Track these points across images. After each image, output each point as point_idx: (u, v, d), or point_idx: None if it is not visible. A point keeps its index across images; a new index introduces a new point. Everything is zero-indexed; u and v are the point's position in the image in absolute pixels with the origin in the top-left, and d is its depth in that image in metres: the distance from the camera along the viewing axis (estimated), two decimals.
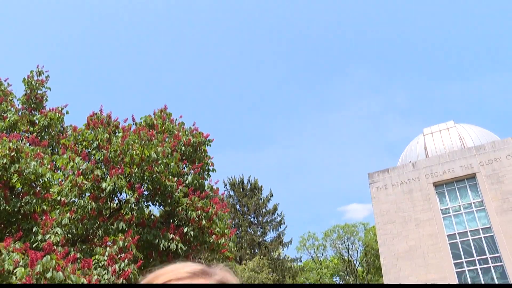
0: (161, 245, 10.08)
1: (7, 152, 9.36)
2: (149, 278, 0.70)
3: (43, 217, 9.46)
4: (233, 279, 0.75)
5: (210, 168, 12.98)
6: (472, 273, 26.86)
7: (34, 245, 8.72)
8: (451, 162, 30.28)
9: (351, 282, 53.74)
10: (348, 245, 54.45)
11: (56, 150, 12.81)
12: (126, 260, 9.09)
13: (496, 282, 26.05)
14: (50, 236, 8.95)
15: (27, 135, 12.62)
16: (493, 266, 26.49)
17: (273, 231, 44.25)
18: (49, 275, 7.48)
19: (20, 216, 9.45)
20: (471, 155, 29.83)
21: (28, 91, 13.64)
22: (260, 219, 44.11)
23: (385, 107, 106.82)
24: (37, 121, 13.22)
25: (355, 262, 54.90)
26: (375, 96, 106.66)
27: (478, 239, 27.54)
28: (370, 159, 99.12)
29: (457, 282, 26.72)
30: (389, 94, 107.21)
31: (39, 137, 12.62)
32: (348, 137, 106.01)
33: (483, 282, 26.29)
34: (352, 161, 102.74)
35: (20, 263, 7.74)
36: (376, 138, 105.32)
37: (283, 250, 44.02)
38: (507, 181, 27.86)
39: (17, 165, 9.41)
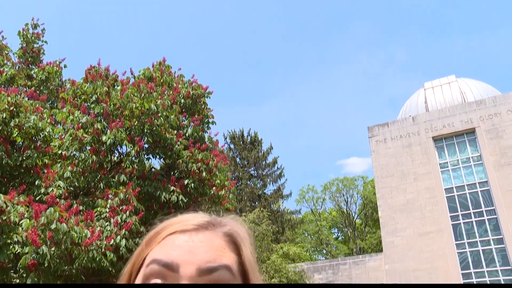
0: (162, 197, 10.22)
1: (6, 106, 9.35)
2: (156, 230, 0.71)
3: (45, 171, 9.57)
4: (242, 229, 0.75)
5: (210, 120, 12.99)
6: (467, 225, 27.41)
7: (37, 198, 8.86)
8: (451, 116, 30.26)
9: (349, 234, 54.84)
10: (347, 198, 55.27)
11: (55, 104, 12.77)
12: (127, 212, 9.26)
13: (490, 234, 26.62)
14: (52, 189, 9.09)
15: (25, 89, 12.54)
16: (487, 219, 27.01)
17: (273, 184, 44.81)
18: (53, 226, 7.65)
19: (22, 170, 9.55)
20: (472, 110, 29.77)
21: (24, 45, 13.42)
22: (260, 172, 44.54)
23: (386, 62, 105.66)
24: (34, 75, 13.09)
25: (353, 215, 55.87)
26: (375, 51, 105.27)
27: (474, 192, 27.93)
28: (370, 113, 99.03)
29: (452, 234, 27.30)
30: (390, 49, 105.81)
31: (38, 92, 12.55)
32: (348, 92, 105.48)
33: (477, 234, 26.86)
34: (352, 115, 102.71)
35: (25, 215, 7.91)
36: (377, 93, 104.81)
37: (282, 202, 44.75)
38: (506, 136, 27.96)
39: (16, 120, 9.41)
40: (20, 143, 9.96)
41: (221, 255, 0.66)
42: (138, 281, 0.66)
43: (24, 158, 9.30)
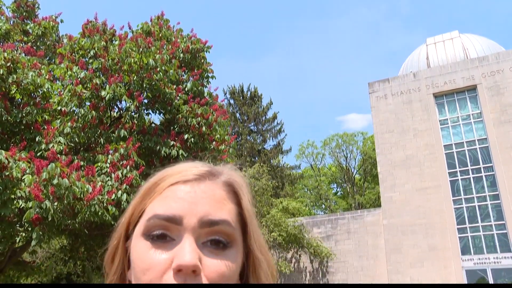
0: (162, 152, 10.30)
1: (3, 62, 9.25)
2: (155, 180, 0.71)
3: (45, 127, 9.59)
4: (240, 179, 0.75)
5: (210, 75, 12.91)
6: (465, 181, 27.70)
7: (38, 154, 8.93)
8: (452, 73, 29.98)
9: (348, 190, 55.47)
10: (347, 154, 55.52)
11: (53, 60, 12.62)
12: (128, 167, 9.36)
13: (486, 190, 26.96)
14: (53, 145, 9.14)
15: (21, 45, 12.35)
16: (485, 176, 27.27)
17: (272, 139, 44.93)
18: (55, 181, 7.75)
19: (23, 127, 9.58)
20: (474, 67, 29.45)
21: None
22: (259, 127, 44.57)
23: (387, 15, 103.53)
24: (30, 31, 12.85)
25: (352, 170, 56.31)
26: (377, 2, 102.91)
27: (473, 149, 28.06)
28: (371, 68, 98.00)
29: (450, 190, 27.62)
30: (392, 0, 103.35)
31: (34, 47, 12.38)
32: (348, 46, 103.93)
33: (474, 190, 27.18)
34: (352, 70, 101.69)
35: (27, 171, 7.99)
36: (377, 47, 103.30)
37: (282, 157, 44.99)
38: (508, 93, 27.79)
39: (14, 76, 9.34)
40: (19, 99, 9.93)
41: (222, 207, 0.67)
42: (138, 233, 0.67)
43: (24, 114, 9.31)
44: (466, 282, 25.80)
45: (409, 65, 34.39)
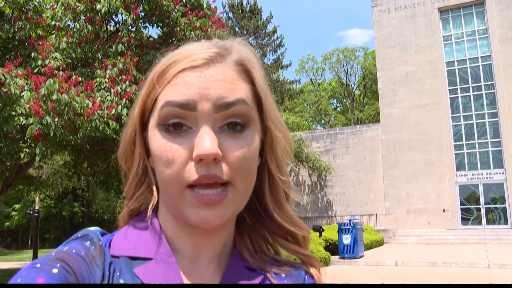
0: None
1: None
2: (162, 68, 0.68)
3: (40, 43, 9.37)
4: (251, 55, 0.72)
5: None
6: (465, 99, 27.67)
7: (35, 71, 8.82)
8: None
9: (347, 105, 55.57)
10: (347, 69, 54.91)
11: None
12: (127, 82, 9.30)
13: (485, 108, 27.01)
14: (49, 61, 9.00)
15: None
16: (485, 93, 27.18)
17: (272, 53, 44.25)
18: (54, 97, 7.73)
19: (16, 43, 9.34)
20: None
21: None
22: (259, 42, 43.72)
23: None
24: None
25: (352, 86, 56.03)
26: None
27: (475, 67, 27.70)
28: None
29: (449, 107, 27.67)
30: None
31: None
32: None
33: (473, 108, 27.23)
34: None
35: (25, 88, 7.93)
36: None
37: (282, 72, 44.59)
38: None
39: None
40: (10, 14, 9.58)
41: (235, 88, 0.66)
42: (153, 124, 0.67)
43: (16, 30, 9.04)
44: (459, 197, 26.66)
45: None
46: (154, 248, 0.68)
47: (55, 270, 0.56)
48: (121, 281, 0.64)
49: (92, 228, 0.70)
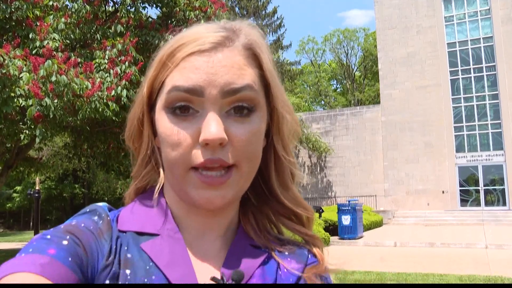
0: (161, 45, 10.11)
1: None
2: (170, 50, 0.68)
3: (38, 23, 9.28)
4: (259, 38, 0.72)
5: None
6: (466, 80, 27.55)
7: (33, 52, 8.75)
8: None
9: (348, 86, 55.38)
10: (347, 50, 54.60)
11: None
12: (126, 63, 9.23)
13: (486, 89, 26.91)
14: (48, 42, 8.91)
15: None
16: (486, 75, 27.05)
17: (272, 34, 43.86)
18: (53, 78, 7.69)
19: (14, 23, 9.25)
20: None
21: None
22: (259, 22, 43.33)
23: None
24: None
25: (353, 67, 55.77)
26: None
27: (477, 48, 27.51)
28: None
29: (450, 88, 27.58)
30: None
31: None
32: None
33: (474, 89, 27.13)
34: None
35: (24, 69, 7.89)
36: None
37: (282, 53, 44.27)
38: None
39: None
40: None
41: (243, 74, 0.66)
42: (160, 104, 0.67)
43: (13, 10, 8.93)
44: (458, 178, 26.75)
45: None
46: (161, 225, 0.70)
47: (65, 242, 0.58)
48: (129, 256, 0.65)
49: (100, 204, 0.71)
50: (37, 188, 12.45)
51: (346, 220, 17.00)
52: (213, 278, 0.66)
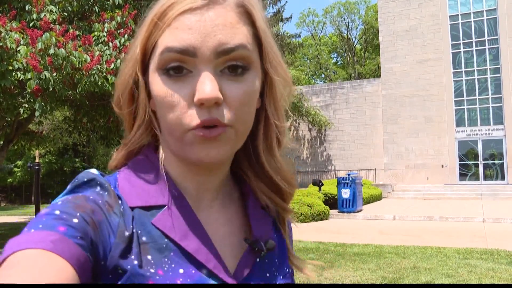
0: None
1: None
2: (162, 9, 0.66)
3: None
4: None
5: None
6: (467, 54, 27.31)
7: (30, 25, 8.64)
8: None
9: (348, 59, 54.97)
10: (348, 23, 54.00)
11: None
12: (125, 36, 9.15)
13: (488, 63, 26.71)
14: (45, 14, 8.80)
15: None
16: (488, 48, 26.80)
17: (272, 6, 43.32)
18: (51, 51, 7.63)
19: None
20: None
21: None
22: None
23: None
24: None
25: (353, 40, 55.26)
26: None
27: (480, 21, 27.17)
28: None
29: (451, 62, 27.37)
30: None
31: None
32: None
33: (475, 63, 26.93)
34: None
35: (21, 42, 7.81)
36: None
37: (282, 26, 43.80)
38: None
39: None
40: None
41: (236, 33, 0.65)
42: (153, 66, 0.66)
43: None
44: (458, 152, 26.81)
45: None
46: (165, 192, 0.69)
47: (75, 220, 0.56)
48: (144, 239, 0.64)
49: (95, 171, 0.68)
50: (37, 161, 12.46)
51: (345, 193, 17.10)
52: (247, 241, 0.72)
